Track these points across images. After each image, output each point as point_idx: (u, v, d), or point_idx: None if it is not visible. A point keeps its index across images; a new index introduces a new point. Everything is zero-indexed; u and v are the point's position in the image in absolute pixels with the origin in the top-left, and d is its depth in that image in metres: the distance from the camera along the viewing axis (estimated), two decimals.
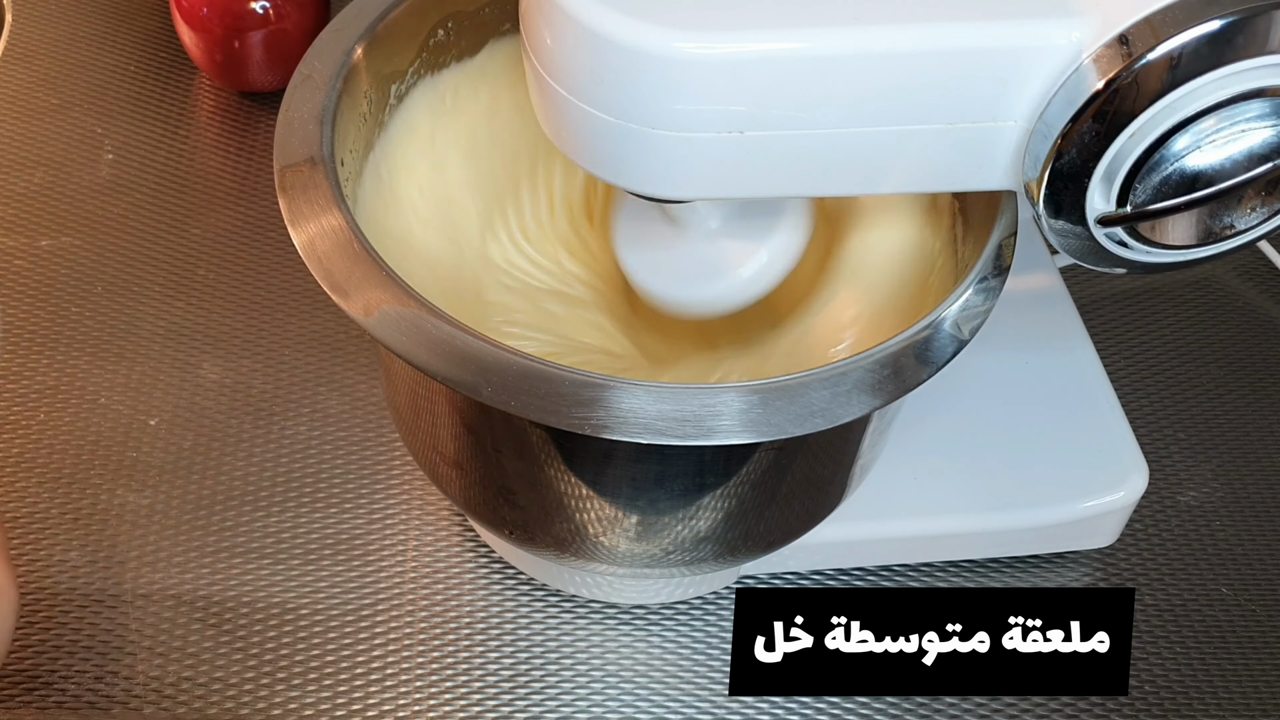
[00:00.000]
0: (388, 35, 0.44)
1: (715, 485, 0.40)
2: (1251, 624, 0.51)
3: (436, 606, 0.50)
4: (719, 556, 0.44)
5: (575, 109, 0.35)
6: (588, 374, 0.35)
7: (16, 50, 0.68)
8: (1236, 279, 0.63)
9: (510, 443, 0.39)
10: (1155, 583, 0.52)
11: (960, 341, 0.37)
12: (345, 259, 0.37)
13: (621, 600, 0.50)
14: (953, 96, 0.34)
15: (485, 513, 0.45)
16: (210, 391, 0.55)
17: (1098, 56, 0.32)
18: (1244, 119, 0.32)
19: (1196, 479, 0.55)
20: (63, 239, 0.60)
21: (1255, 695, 0.49)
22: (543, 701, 0.47)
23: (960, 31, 0.33)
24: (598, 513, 0.41)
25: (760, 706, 0.48)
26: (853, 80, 0.33)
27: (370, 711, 0.47)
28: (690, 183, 0.36)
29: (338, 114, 0.41)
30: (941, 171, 0.36)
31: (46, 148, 0.64)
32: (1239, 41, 0.31)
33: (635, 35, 0.32)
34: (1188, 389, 0.58)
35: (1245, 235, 0.36)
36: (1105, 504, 0.50)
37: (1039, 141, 0.34)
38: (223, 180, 0.63)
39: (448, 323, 0.35)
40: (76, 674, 0.47)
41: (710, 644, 0.49)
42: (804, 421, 0.35)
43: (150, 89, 0.67)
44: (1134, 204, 0.34)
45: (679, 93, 0.33)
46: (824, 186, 0.37)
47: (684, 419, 0.34)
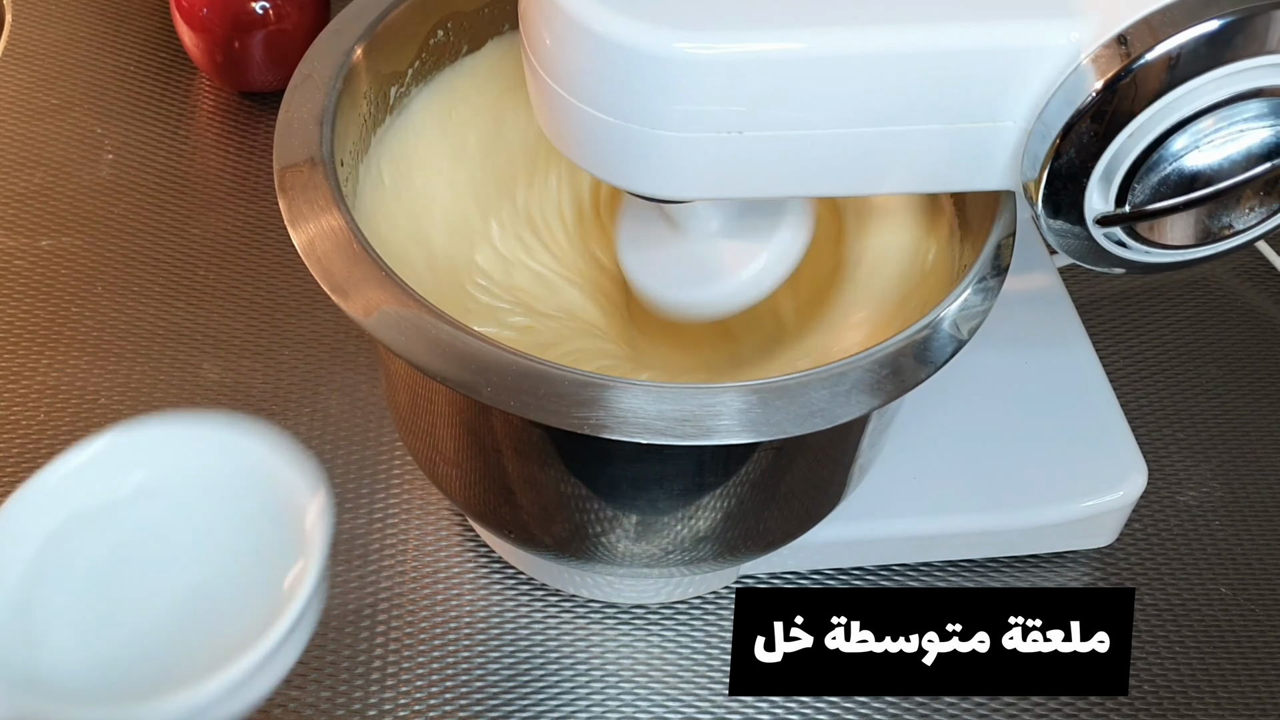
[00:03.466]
0: (388, 35, 0.44)
1: (715, 485, 0.40)
2: (1251, 624, 0.51)
3: (437, 606, 0.50)
4: (719, 556, 0.44)
5: (575, 109, 0.35)
6: (588, 374, 0.35)
7: (16, 50, 0.68)
8: (1236, 279, 0.63)
9: (510, 443, 0.39)
10: (1155, 582, 0.52)
11: (959, 341, 0.37)
12: (345, 259, 0.37)
13: (621, 600, 0.50)
14: (952, 97, 0.34)
15: (485, 513, 0.45)
16: (210, 391, 0.55)
17: (1096, 57, 0.32)
18: (1242, 119, 0.32)
19: (1196, 479, 0.55)
20: (63, 239, 0.60)
21: (1255, 695, 0.49)
22: (543, 701, 0.47)
23: (960, 32, 0.33)
24: (598, 513, 0.41)
25: (760, 706, 0.48)
26: (852, 80, 0.33)
27: (370, 711, 0.47)
28: (690, 183, 0.36)
29: (338, 114, 0.41)
30: (940, 172, 0.36)
31: (46, 148, 0.64)
32: (1237, 41, 0.31)
33: (635, 35, 0.32)
34: (1187, 389, 0.58)
35: (1244, 235, 0.36)
36: (1104, 504, 0.50)
37: (1038, 142, 0.34)
38: (223, 180, 0.63)
39: (448, 323, 0.35)
40: None
41: (710, 644, 0.49)
42: (803, 421, 0.35)
43: (150, 89, 0.67)
44: (1132, 204, 0.34)
45: (679, 93, 0.33)
46: (823, 186, 0.37)
47: (684, 419, 0.34)
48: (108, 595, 0.25)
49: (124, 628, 0.25)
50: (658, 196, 0.38)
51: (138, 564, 0.26)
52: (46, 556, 0.25)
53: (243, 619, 0.23)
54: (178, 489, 0.26)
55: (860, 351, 0.36)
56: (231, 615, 0.24)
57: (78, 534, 0.26)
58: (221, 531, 0.26)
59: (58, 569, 0.25)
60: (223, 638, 0.23)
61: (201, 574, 0.25)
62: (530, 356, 0.35)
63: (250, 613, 0.23)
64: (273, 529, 0.25)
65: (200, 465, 0.26)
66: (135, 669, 0.24)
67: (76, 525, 0.26)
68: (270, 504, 0.25)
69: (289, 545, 0.25)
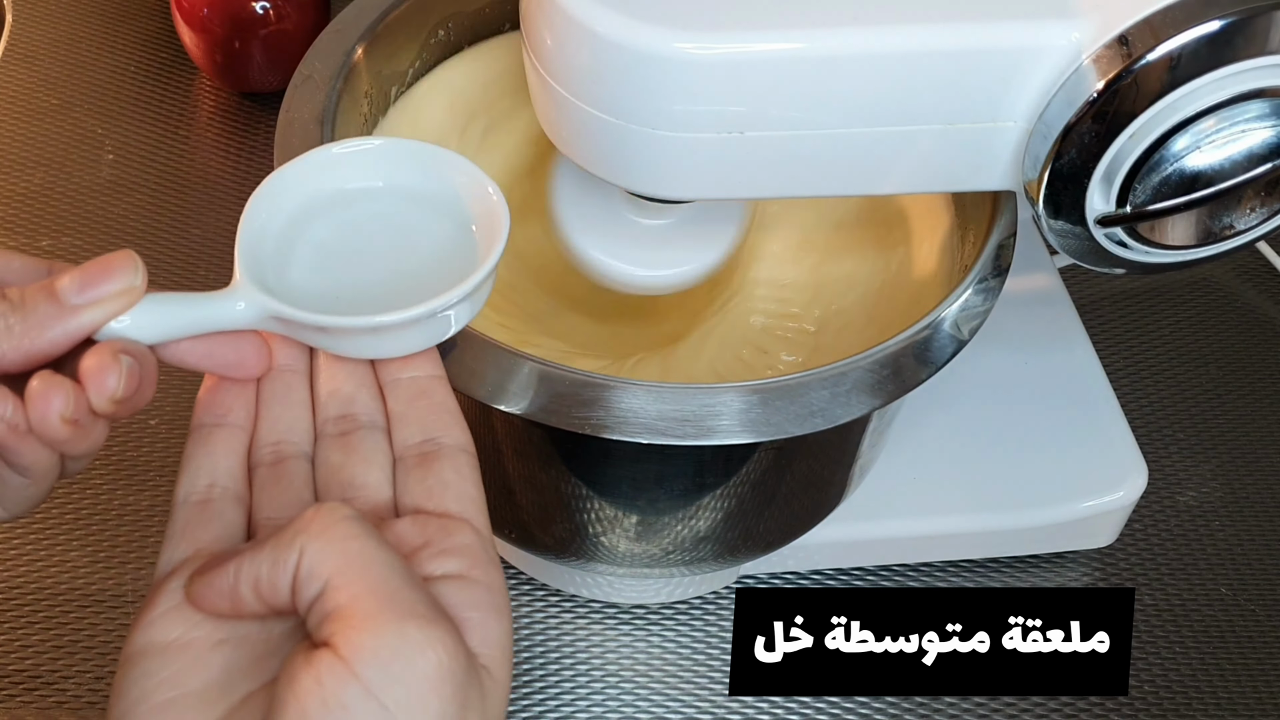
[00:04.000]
0: (388, 35, 0.44)
1: (715, 485, 0.40)
2: (1251, 624, 0.51)
3: None
4: (719, 556, 0.44)
5: (575, 109, 0.35)
6: (588, 374, 0.35)
7: (16, 50, 0.68)
8: (1236, 279, 0.63)
9: (510, 443, 0.39)
10: (1155, 583, 0.52)
11: (960, 342, 0.37)
12: None
13: (621, 600, 0.50)
14: (952, 97, 0.34)
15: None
16: None
17: (1098, 57, 0.32)
18: (1243, 119, 0.33)
19: (1196, 479, 0.55)
20: (63, 239, 0.60)
21: (1255, 695, 0.49)
22: (543, 701, 0.47)
23: (960, 32, 0.33)
24: (598, 513, 0.41)
25: (760, 706, 0.48)
26: (852, 80, 0.33)
27: None
28: (690, 183, 0.36)
29: (338, 114, 0.41)
30: (941, 172, 0.36)
31: (47, 148, 0.64)
32: (1238, 42, 0.31)
33: (635, 35, 0.32)
34: (1187, 389, 0.58)
35: (1244, 235, 0.36)
36: (1104, 504, 0.50)
37: (1039, 142, 0.34)
38: (223, 180, 0.63)
39: None
40: (76, 674, 0.47)
41: (710, 644, 0.49)
42: (803, 421, 0.35)
43: (150, 89, 0.67)
44: (1134, 204, 0.34)
45: (679, 93, 0.33)
46: (824, 186, 0.37)
47: (684, 419, 0.34)
48: (342, 254, 0.33)
49: (354, 274, 0.32)
50: (658, 196, 0.38)
51: (367, 236, 0.33)
52: (302, 216, 0.33)
53: (443, 283, 0.31)
54: (403, 193, 0.34)
55: (860, 352, 0.36)
56: (435, 281, 0.31)
57: (324, 207, 0.33)
58: (432, 229, 0.33)
59: (307, 228, 0.33)
60: (429, 290, 0.31)
61: (417, 253, 0.33)
62: (531, 356, 0.35)
63: (448, 280, 0.31)
64: (465, 235, 0.33)
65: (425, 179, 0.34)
66: (361, 300, 0.31)
67: (323, 201, 0.33)
68: (466, 217, 0.33)
69: (474, 247, 0.33)
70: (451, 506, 0.30)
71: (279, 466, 0.31)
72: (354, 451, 0.31)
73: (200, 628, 0.28)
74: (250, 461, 0.32)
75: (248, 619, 0.28)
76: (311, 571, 0.26)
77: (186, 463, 0.31)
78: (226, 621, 0.28)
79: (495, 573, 0.29)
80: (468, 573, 0.29)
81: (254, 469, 0.32)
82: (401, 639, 0.25)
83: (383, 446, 0.32)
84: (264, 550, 0.27)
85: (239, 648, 0.28)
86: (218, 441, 0.31)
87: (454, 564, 0.29)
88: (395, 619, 0.26)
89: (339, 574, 0.26)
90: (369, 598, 0.26)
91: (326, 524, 0.27)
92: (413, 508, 0.31)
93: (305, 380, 0.33)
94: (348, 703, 0.25)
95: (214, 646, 0.28)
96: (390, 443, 0.32)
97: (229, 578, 0.27)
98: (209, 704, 0.27)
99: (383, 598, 0.26)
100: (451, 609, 0.28)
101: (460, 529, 0.30)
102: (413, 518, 0.30)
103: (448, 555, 0.29)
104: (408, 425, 0.32)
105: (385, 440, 0.32)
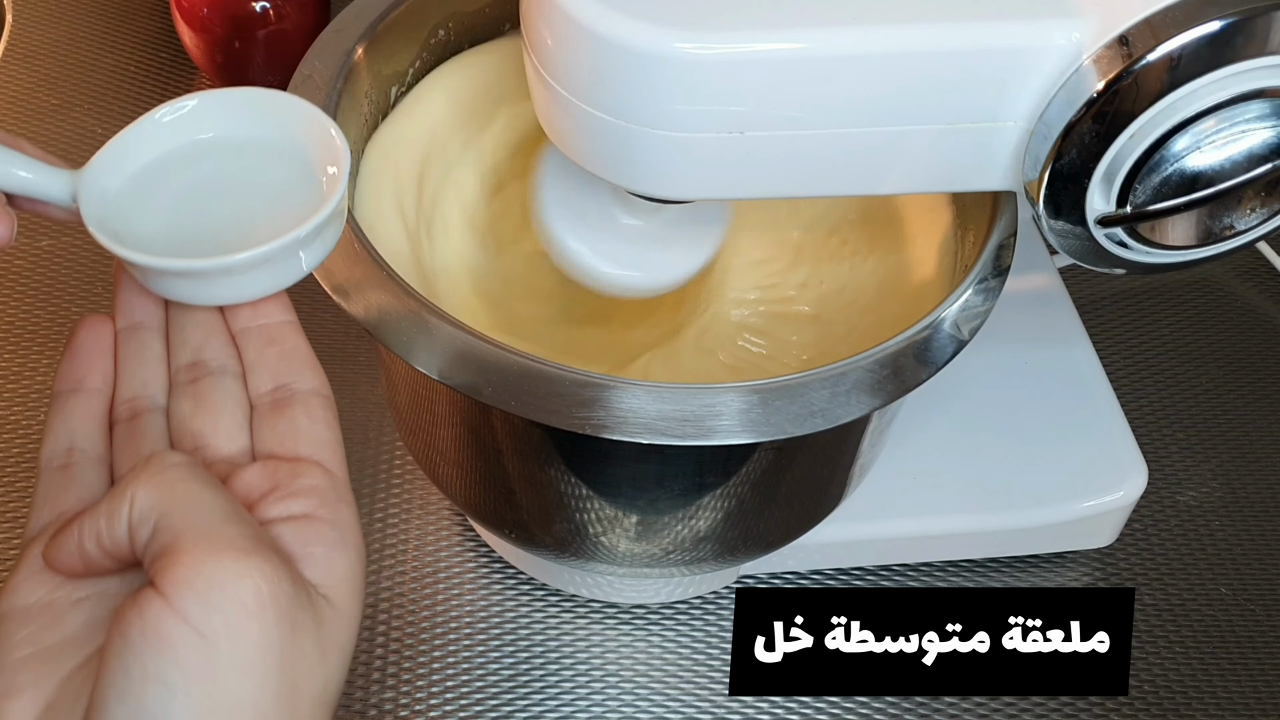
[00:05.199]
0: (388, 35, 0.44)
1: (715, 485, 0.40)
2: (1251, 624, 0.51)
3: (437, 606, 0.50)
4: (719, 556, 0.44)
5: (575, 109, 0.35)
6: (588, 374, 0.35)
7: (16, 51, 0.68)
8: (1236, 279, 0.63)
9: (510, 443, 0.39)
10: (1155, 582, 0.52)
11: (960, 342, 0.37)
12: (346, 259, 0.37)
13: (621, 600, 0.50)
14: (953, 97, 0.34)
15: (485, 513, 0.45)
16: None
17: (1098, 57, 0.32)
18: (1244, 120, 0.33)
19: (1195, 479, 0.55)
20: (63, 239, 0.60)
21: (1255, 695, 0.49)
22: (543, 701, 0.48)
23: (960, 32, 0.33)
24: (598, 513, 0.41)
25: (760, 706, 0.48)
26: (852, 80, 0.33)
27: (371, 711, 0.47)
28: (690, 183, 0.36)
29: (338, 115, 0.41)
30: (941, 172, 0.36)
31: (47, 148, 0.63)
32: (1238, 42, 0.31)
33: (635, 35, 0.32)
34: (1187, 389, 0.58)
35: (1245, 235, 0.36)
36: (1104, 504, 0.50)
37: (1039, 142, 0.34)
38: None
39: (448, 322, 0.35)
40: None
41: (710, 644, 0.49)
42: (803, 421, 0.35)
43: (150, 89, 0.67)
44: (1134, 204, 0.34)
45: (679, 93, 0.33)
46: (824, 186, 0.37)
47: (684, 419, 0.34)
48: (186, 209, 0.33)
49: (199, 224, 0.33)
50: (658, 196, 0.38)
51: (213, 185, 0.33)
52: (148, 171, 0.33)
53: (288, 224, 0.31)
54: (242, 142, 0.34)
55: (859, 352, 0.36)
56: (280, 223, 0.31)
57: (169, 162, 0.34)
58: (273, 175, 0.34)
59: (154, 181, 0.33)
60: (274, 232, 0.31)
61: (259, 199, 0.33)
62: (531, 356, 0.35)
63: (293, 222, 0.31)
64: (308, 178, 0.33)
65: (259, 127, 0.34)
66: (206, 247, 0.31)
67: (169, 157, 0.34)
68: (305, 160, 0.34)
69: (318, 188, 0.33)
70: (304, 450, 0.31)
71: (134, 422, 0.32)
72: (203, 400, 0.32)
73: (62, 588, 0.29)
74: (111, 421, 0.33)
75: (104, 575, 0.29)
76: (142, 517, 0.28)
77: (47, 431, 0.32)
78: (86, 580, 0.29)
79: (345, 510, 0.31)
80: (314, 512, 0.30)
81: (114, 428, 0.33)
82: (218, 569, 0.27)
83: (234, 393, 0.32)
84: (101, 505, 0.28)
85: (100, 602, 0.29)
86: (74, 407, 0.32)
87: (299, 505, 0.30)
88: (212, 552, 0.27)
89: (164, 516, 0.28)
90: (189, 534, 0.27)
91: (154, 471, 0.28)
92: (266, 454, 0.32)
93: (160, 336, 0.34)
94: (165, 633, 0.26)
95: (74, 604, 0.29)
96: (247, 390, 0.33)
97: (75, 537, 0.29)
98: (64, 657, 0.28)
99: (202, 534, 0.27)
100: (291, 545, 0.29)
101: (310, 470, 0.31)
102: (262, 464, 0.31)
103: (294, 497, 0.30)
104: (260, 373, 0.33)
105: (239, 386, 0.33)
